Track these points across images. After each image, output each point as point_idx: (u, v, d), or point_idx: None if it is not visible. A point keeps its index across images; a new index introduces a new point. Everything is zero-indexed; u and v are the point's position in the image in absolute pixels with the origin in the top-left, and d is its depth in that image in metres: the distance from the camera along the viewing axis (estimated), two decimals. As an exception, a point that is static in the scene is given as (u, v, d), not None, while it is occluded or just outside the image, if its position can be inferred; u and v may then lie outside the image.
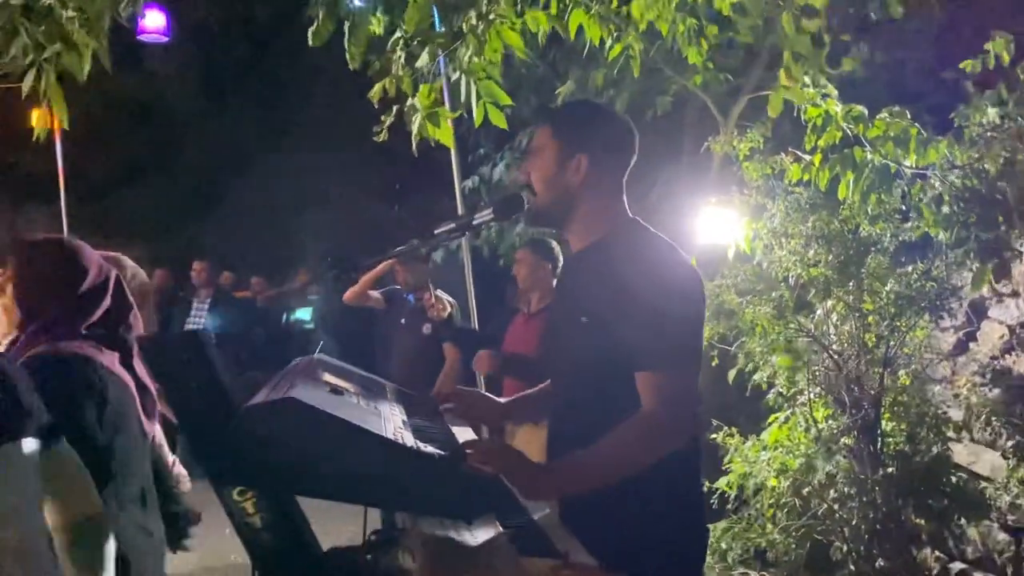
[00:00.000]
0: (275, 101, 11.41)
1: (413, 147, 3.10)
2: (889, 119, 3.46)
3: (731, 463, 3.78)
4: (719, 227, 3.88)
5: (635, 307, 1.59)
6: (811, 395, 3.60)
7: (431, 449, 1.40)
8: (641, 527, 1.62)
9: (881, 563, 3.34)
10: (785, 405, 3.81)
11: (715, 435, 3.81)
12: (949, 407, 3.66)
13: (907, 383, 3.56)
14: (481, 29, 2.89)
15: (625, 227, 1.77)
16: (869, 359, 3.47)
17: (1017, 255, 3.46)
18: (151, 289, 2.06)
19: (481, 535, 1.40)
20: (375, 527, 1.64)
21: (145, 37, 5.62)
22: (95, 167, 10.96)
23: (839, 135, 3.51)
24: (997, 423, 3.45)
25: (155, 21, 5.46)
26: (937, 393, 3.70)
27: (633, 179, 1.84)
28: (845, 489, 3.42)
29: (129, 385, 1.82)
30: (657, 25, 3.21)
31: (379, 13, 3.31)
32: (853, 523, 3.37)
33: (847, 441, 3.50)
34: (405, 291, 4.71)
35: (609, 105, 4.90)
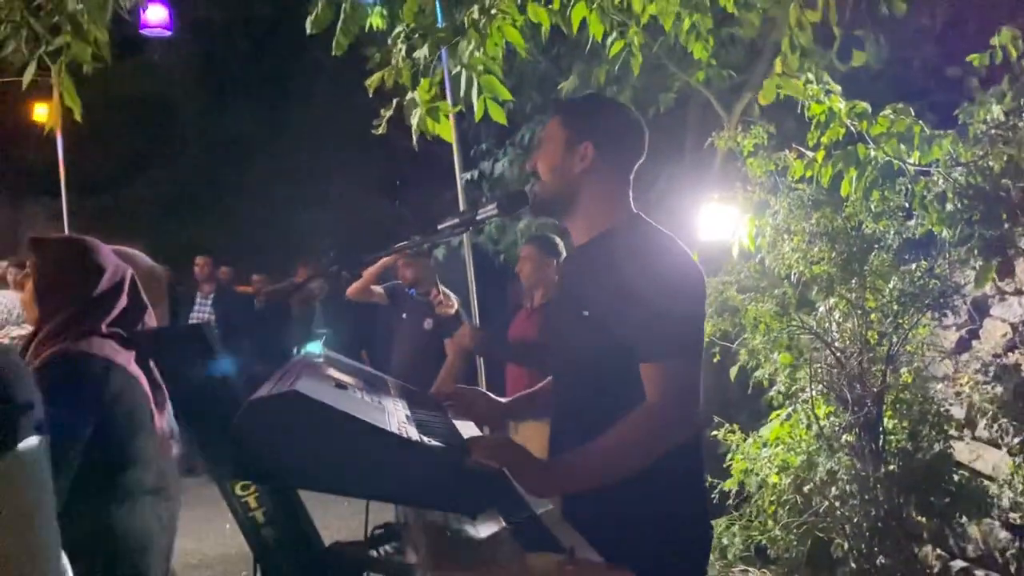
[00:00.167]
0: (276, 96, 11.40)
1: (413, 141, 3.09)
2: (893, 116, 3.45)
3: (732, 460, 3.78)
4: (722, 223, 3.87)
5: (637, 300, 1.59)
6: (813, 392, 3.60)
7: (435, 444, 1.40)
8: (645, 523, 1.62)
9: (882, 560, 3.33)
10: (787, 402, 3.81)
11: (716, 432, 3.81)
12: (951, 405, 3.66)
13: (909, 381, 3.56)
14: (483, 24, 2.88)
15: (628, 221, 1.77)
16: (871, 356, 3.47)
17: (1021, 253, 3.45)
18: (165, 285, 2.09)
19: (485, 530, 1.39)
20: (377, 522, 1.63)
21: (147, 31, 5.61)
22: (96, 162, 10.95)
23: (842, 132, 3.50)
24: (1005, 420, 3.45)
25: (157, 15, 5.45)
26: (939, 391, 3.69)
27: (636, 175, 1.83)
28: (846, 486, 3.41)
29: (143, 384, 1.84)
30: (660, 20, 3.20)
31: (379, 6, 3.31)
32: (854, 520, 3.37)
33: (849, 438, 3.50)
34: (406, 286, 4.72)
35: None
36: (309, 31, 3.17)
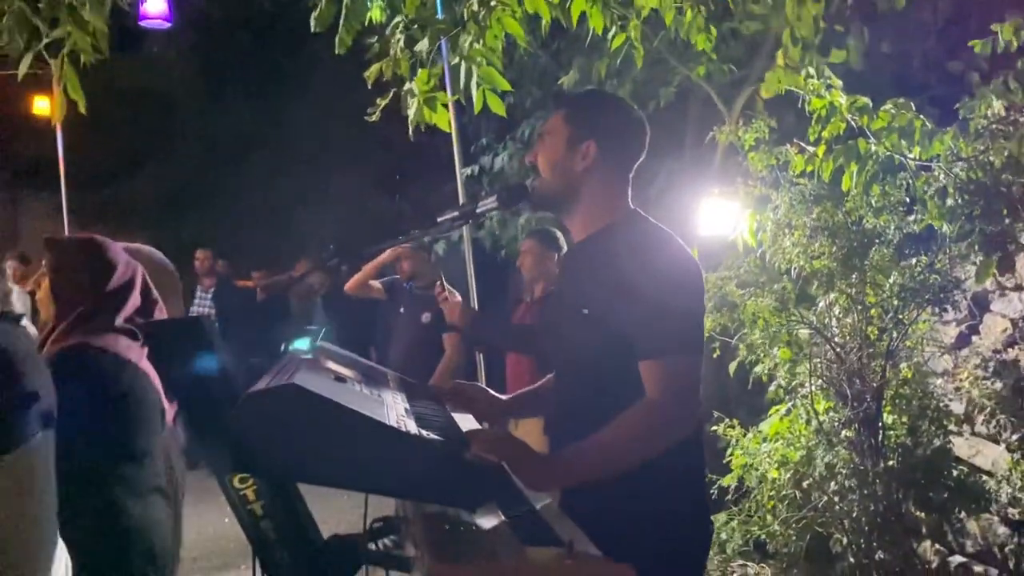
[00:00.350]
0: (276, 91, 11.37)
1: (409, 132, 3.07)
2: (894, 110, 3.44)
3: (732, 455, 3.78)
4: (722, 218, 3.87)
5: (636, 297, 1.59)
6: (812, 387, 3.60)
7: (434, 437, 1.40)
8: (645, 518, 1.62)
9: (881, 555, 3.33)
10: (786, 397, 3.81)
11: (716, 427, 3.81)
12: (951, 400, 3.66)
13: (909, 376, 3.56)
14: (482, 16, 2.87)
15: (626, 218, 1.76)
16: (871, 352, 3.46)
17: (1021, 248, 3.44)
18: (178, 279, 2.15)
19: (484, 524, 1.39)
20: (376, 515, 1.63)
21: (146, 23, 5.59)
22: (96, 156, 10.93)
23: (843, 126, 3.49)
24: (1003, 417, 3.45)
25: (156, 7, 5.43)
26: (939, 386, 3.69)
27: (637, 171, 1.83)
28: (846, 481, 3.41)
29: (154, 380, 1.86)
30: (661, 11, 3.18)
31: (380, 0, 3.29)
32: (853, 515, 3.37)
33: (848, 433, 3.50)
34: (404, 281, 4.71)
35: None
36: (313, 29, 3.14)
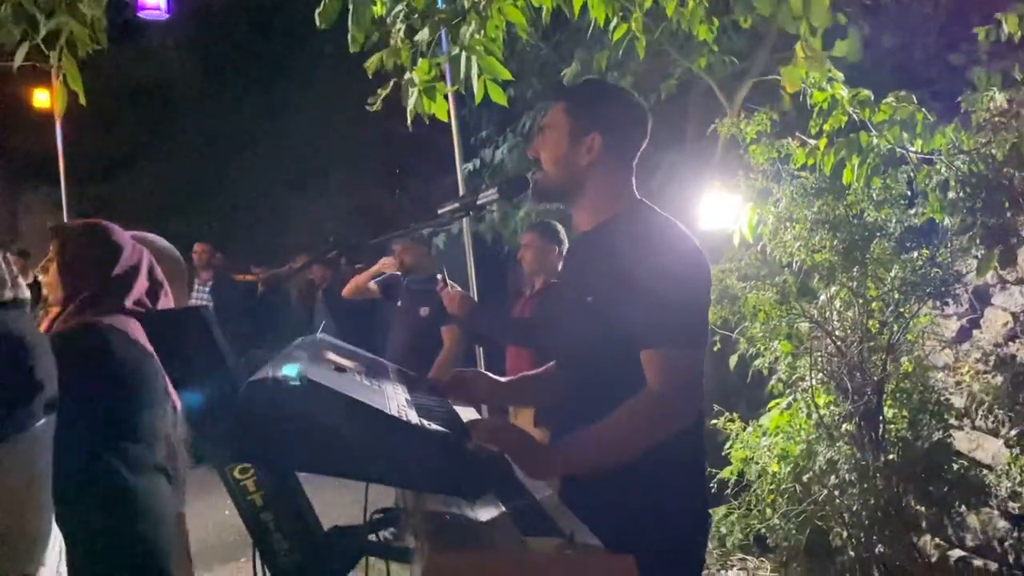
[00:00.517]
0: (276, 84, 11.35)
1: (408, 122, 3.04)
2: (895, 103, 3.43)
3: (731, 449, 3.78)
4: (723, 212, 3.86)
5: (641, 286, 1.58)
6: (813, 381, 3.59)
7: (434, 427, 1.39)
8: (644, 510, 1.61)
9: (880, 549, 3.33)
10: (787, 391, 3.80)
11: (715, 420, 3.81)
12: (951, 394, 3.66)
13: (910, 370, 3.55)
14: (483, 5, 2.85)
15: (632, 208, 1.75)
16: (872, 345, 3.46)
17: (1023, 241, 3.44)
18: (184, 266, 2.19)
19: (484, 514, 1.39)
20: (377, 506, 1.63)
21: (144, 13, 5.57)
22: (95, 150, 10.92)
23: (845, 119, 3.48)
24: (1000, 412, 3.44)
25: (153, -3, 5.42)
26: (939, 380, 3.68)
27: (637, 163, 1.82)
28: (846, 475, 3.41)
29: (157, 360, 1.88)
30: (662, 2, 3.17)
31: None
32: (853, 509, 3.37)
33: (848, 427, 3.50)
34: (403, 273, 4.68)
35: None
36: (319, 25, 3.09)
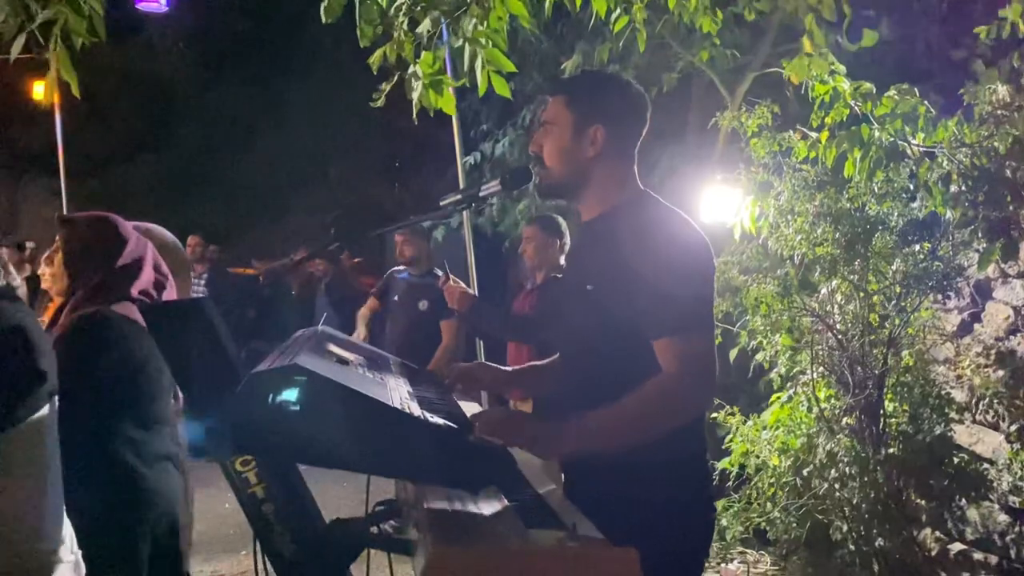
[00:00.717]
0: (275, 76, 11.32)
1: (414, 115, 3.03)
2: (897, 96, 3.42)
3: (732, 442, 3.78)
4: (724, 205, 3.85)
5: (648, 274, 1.58)
6: (814, 375, 3.59)
7: (437, 419, 1.39)
8: (647, 503, 1.61)
9: (881, 543, 3.33)
10: (787, 385, 3.80)
11: (716, 414, 3.81)
12: (952, 388, 3.65)
13: (911, 363, 3.55)
14: (485, -3, 2.82)
15: (636, 197, 1.75)
16: (873, 339, 3.46)
17: (1025, 235, 3.43)
18: (187, 257, 2.21)
19: (487, 507, 1.38)
20: (378, 498, 1.63)
21: (143, 6, 5.55)
22: (95, 142, 10.91)
23: (847, 112, 3.47)
24: (1001, 406, 3.44)
25: (152, -9, 5.40)
26: (940, 374, 3.68)
27: (638, 156, 1.81)
28: (846, 469, 3.41)
29: None
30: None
31: None
32: (854, 503, 3.37)
33: (849, 421, 3.50)
34: (404, 263, 4.66)
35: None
36: (324, 20, 3.05)
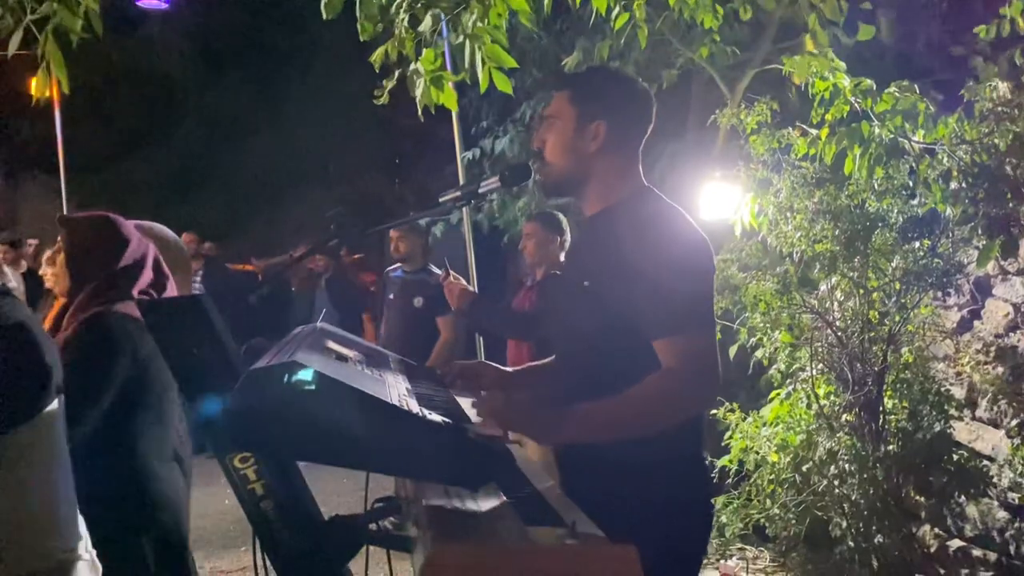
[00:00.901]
0: (275, 72, 11.31)
1: (419, 112, 3.03)
2: (898, 93, 3.41)
3: (731, 439, 3.78)
4: (724, 202, 3.85)
5: (648, 272, 1.58)
6: (813, 371, 3.59)
7: (436, 416, 1.39)
8: (646, 500, 1.61)
9: (880, 539, 3.34)
10: (786, 381, 3.80)
11: (716, 411, 3.81)
12: (952, 385, 3.66)
13: (910, 360, 3.55)
14: (485, -8, 2.82)
15: (638, 193, 1.75)
16: (872, 336, 3.46)
17: (1024, 232, 3.43)
18: (187, 255, 2.22)
19: (485, 504, 1.38)
20: (377, 495, 1.63)
21: (144, 3, 5.54)
22: (94, 139, 10.89)
23: (847, 109, 3.46)
24: (1003, 402, 3.44)
25: (153, -12, 5.39)
26: (940, 371, 3.68)
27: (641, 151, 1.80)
28: (846, 466, 3.41)
29: None
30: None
31: None
32: (853, 499, 3.37)
33: (849, 418, 3.50)
34: (399, 258, 4.63)
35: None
36: (325, 16, 3.04)
